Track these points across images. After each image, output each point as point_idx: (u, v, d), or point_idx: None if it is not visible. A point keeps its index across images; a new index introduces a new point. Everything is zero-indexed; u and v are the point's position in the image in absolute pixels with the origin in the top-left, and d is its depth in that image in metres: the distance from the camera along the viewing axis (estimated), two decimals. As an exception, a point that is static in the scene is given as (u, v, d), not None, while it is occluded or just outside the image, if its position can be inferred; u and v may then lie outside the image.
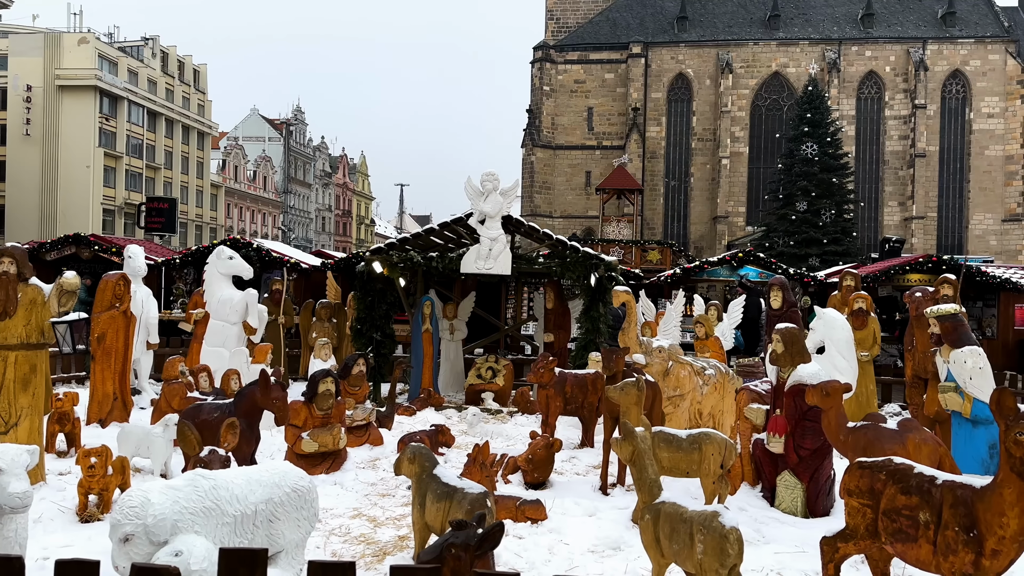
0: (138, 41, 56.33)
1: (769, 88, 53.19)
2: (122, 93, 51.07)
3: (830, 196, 39.23)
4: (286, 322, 12.73)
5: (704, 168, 53.60)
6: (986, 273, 15.53)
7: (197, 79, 62.02)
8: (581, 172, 55.05)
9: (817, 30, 52.90)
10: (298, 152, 78.42)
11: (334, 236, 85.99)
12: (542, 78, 55.08)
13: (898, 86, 51.76)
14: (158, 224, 39.44)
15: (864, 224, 49.56)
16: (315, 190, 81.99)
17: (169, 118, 56.66)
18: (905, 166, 51.53)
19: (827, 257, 35.67)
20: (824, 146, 40.05)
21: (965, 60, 51.38)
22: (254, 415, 6.41)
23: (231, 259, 10.36)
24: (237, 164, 67.63)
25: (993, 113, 51.00)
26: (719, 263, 17.44)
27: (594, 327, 11.30)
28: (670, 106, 54.20)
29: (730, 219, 52.33)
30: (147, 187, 53.85)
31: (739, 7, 54.93)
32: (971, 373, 5.76)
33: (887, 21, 52.85)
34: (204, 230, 61.66)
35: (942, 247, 49.57)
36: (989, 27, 51.79)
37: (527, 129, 55.22)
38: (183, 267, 16.49)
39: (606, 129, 55.02)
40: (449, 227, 12.27)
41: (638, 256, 32.37)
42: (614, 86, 54.74)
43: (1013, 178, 50.73)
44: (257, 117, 76.42)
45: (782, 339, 6.49)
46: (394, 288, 12.10)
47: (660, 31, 54.41)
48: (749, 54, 52.96)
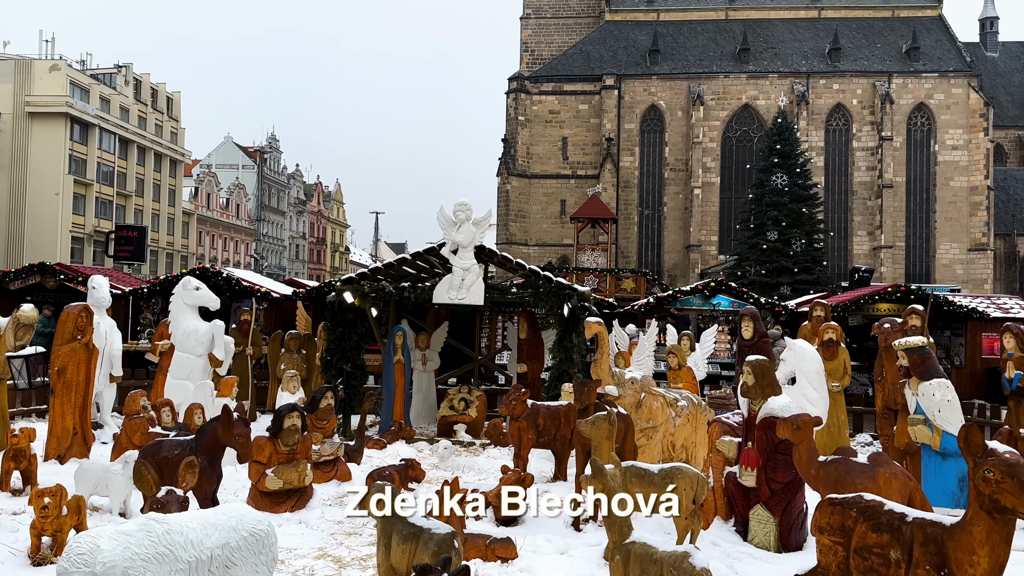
0: (111, 68, 55.99)
1: (739, 120, 54.04)
2: (93, 120, 50.62)
3: (800, 226, 39.74)
4: (254, 353, 12.52)
5: (677, 197, 54.13)
6: (953, 303, 15.74)
7: (170, 107, 61.70)
8: (556, 201, 55.33)
9: (786, 64, 53.98)
10: (272, 180, 78.08)
11: (308, 264, 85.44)
12: (517, 108, 55.50)
13: (865, 118, 52.85)
14: (127, 253, 38.95)
15: (834, 253, 50.23)
16: (289, 218, 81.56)
17: (141, 145, 56.19)
18: (873, 196, 52.44)
19: (798, 286, 36.03)
20: (794, 177, 40.65)
21: (929, 93, 52.63)
22: (216, 452, 6.24)
23: (197, 289, 10.20)
24: (210, 192, 67.13)
25: (957, 145, 52.18)
26: (692, 292, 17.53)
27: (567, 357, 11.24)
28: (643, 137, 54.80)
29: (703, 248, 52.79)
30: (117, 215, 53.21)
31: (710, 41, 55.94)
32: (939, 406, 5.77)
33: (853, 55, 54.08)
34: (175, 258, 60.96)
35: (910, 276, 50.33)
36: (952, 62, 53.17)
37: (502, 158, 55.49)
38: (151, 296, 16.23)
39: (580, 159, 55.45)
40: (422, 257, 12.20)
41: (612, 285, 32.45)
42: (588, 117, 55.30)
43: (978, 208, 51.79)
44: (231, 145, 76.08)
45: (753, 371, 6.47)
46: (366, 318, 11.97)
47: (632, 64, 55.18)
48: (720, 87, 53.84)
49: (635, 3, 58.34)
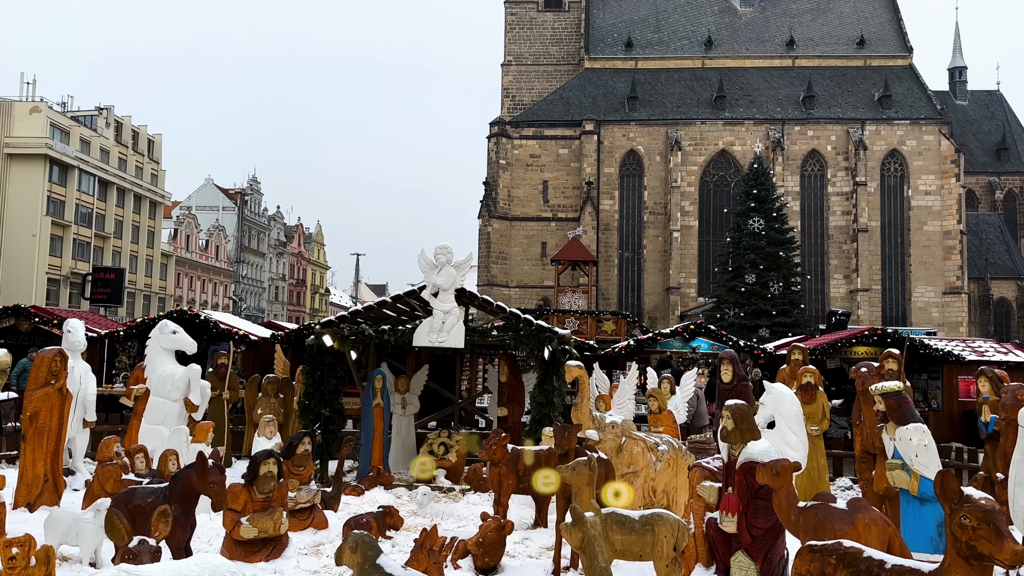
0: (92, 111, 56.06)
1: (717, 165, 54.91)
2: (73, 162, 50.49)
3: (777, 269, 40.17)
4: (231, 397, 12.37)
5: (656, 240, 54.65)
6: (929, 346, 15.92)
7: (151, 149, 61.73)
8: (537, 243, 55.63)
9: (761, 111, 55.11)
10: (252, 221, 77.98)
11: (287, 306, 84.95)
12: (498, 152, 56.06)
13: (839, 164, 53.91)
14: (104, 295, 38.58)
15: (811, 296, 50.75)
16: (269, 259, 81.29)
17: (121, 187, 56.03)
18: (849, 240, 53.22)
19: (777, 328, 36.28)
20: (770, 221, 41.21)
21: (902, 140, 53.87)
22: (190, 500, 6.12)
23: (174, 333, 10.10)
24: (189, 233, 66.89)
25: (930, 190, 53.28)
26: (672, 335, 17.62)
27: (548, 401, 11.20)
28: (622, 180, 55.47)
29: (682, 290, 53.16)
30: (95, 256, 52.79)
31: (687, 88, 57.07)
32: (917, 451, 5.81)
33: (827, 103, 55.35)
34: (152, 300, 60.42)
35: (887, 319, 50.87)
36: (923, 110, 54.55)
37: (484, 201, 55.87)
38: (127, 339, 16.04)
39: (561, 201, 55.94)
40: (402, 299, 12.19)
41: (593, 327, 32.51)
42: (568, 161, 55.95)
43: (951, 252, 52.68)
44: (211, 187, 76.11)
45: (732, 416, 6.48)
46: (345, 361, 11.89)
47: (611, 110, 56.10)
48: (697, 132, 54.80)
49: (613, 51, 59.52)
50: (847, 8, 61.31)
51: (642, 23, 61.00)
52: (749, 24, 60.65)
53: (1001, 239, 57.47)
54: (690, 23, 60.88)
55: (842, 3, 61.75)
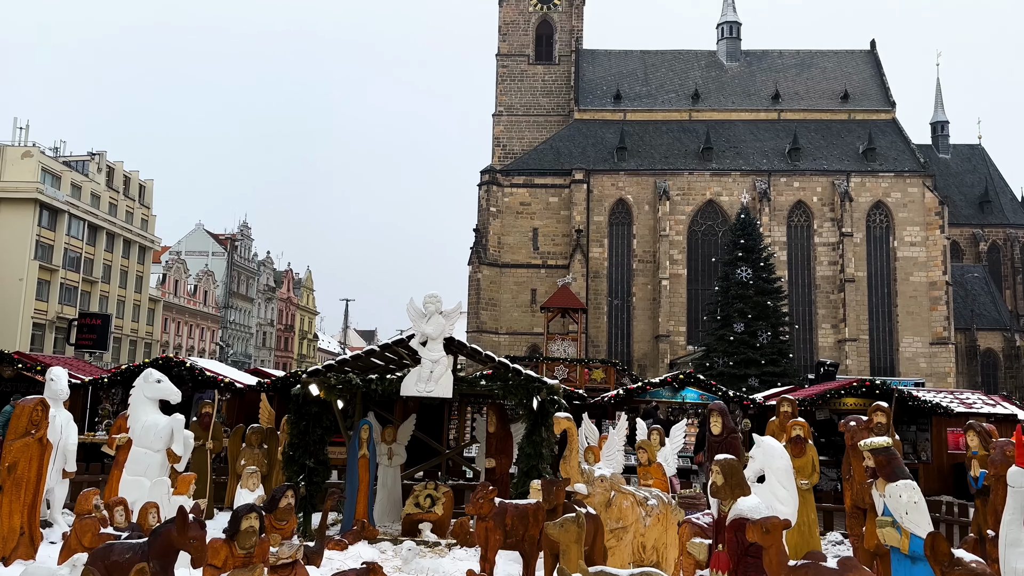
0: (84, 156, 56.31)
1: (704, 214, 55.49)
2: (63, 207, 50.50)
3: (766, 318, 40.32)
4: (215, 447, 12.20)
5: (645, 288, 54.87)
6: (918, 398, 15.92)
7: (142, 194, 61.89)
8: (527, 290, 55.76)
9: (747, 162, 55.95)
10: (242, 267, 77.91)
11: (274, 351, 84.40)
12: (489, 200, 56.52)
13: (825, 215, 54.58)
14: (89, 341, 38.26)
15: (800, 345, 50.87)
16: (257, 304, 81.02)
17: (110, 232, 56.00)
18: (836, 290, 53.60)
19: (766, 378, 36.26)
20: (758, 270, 41.49)
21: (887, 192, 54.68)
22: (169, 556, 5.98)
23: (159, 382, 9.98)
24: (178, 278, 66.72)
25: (915, 242, 53.92)
26: (661, 384, 17.57)
27: (536, 452, 11.08)
28: (611, 229, 55.91)
29: (671, 338, 53.22)
30: (82, 301, 52.48)
31: (674, 140, 57.97)
32: (907, 508, 5.75)
33: (812, 155, 56.27)
34: (139, 345, 59.93)
35: (875, 369, 50.97)
36: (907, 162, 55.52)
37: (474, 247, 56.13)
38: (111, 386, 15.87)
39: (551, 249, 56.25)
40: (390, 348, 12.12)
41: (583, 375, 32.37)
42: (558, 209, 56.43)
43: (937, 303, 53.10)
44: (202, 232, 76.20)
45: (722, 471, 6.43)
46: (331, 411, 11.76)
47: (601, 160, 56.82)
48: (685, 183, 55.50)
49: (603, 103, 60.52)
50: (831, 64, 62.78)
51: (630, 77, 62.20)
52: (735, 78, 61.93)
53: (986, 290, 58.03)
54: (677, 77, 62.13)
55: (826, 59, 63.26)
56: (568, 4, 64.80)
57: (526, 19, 64.68)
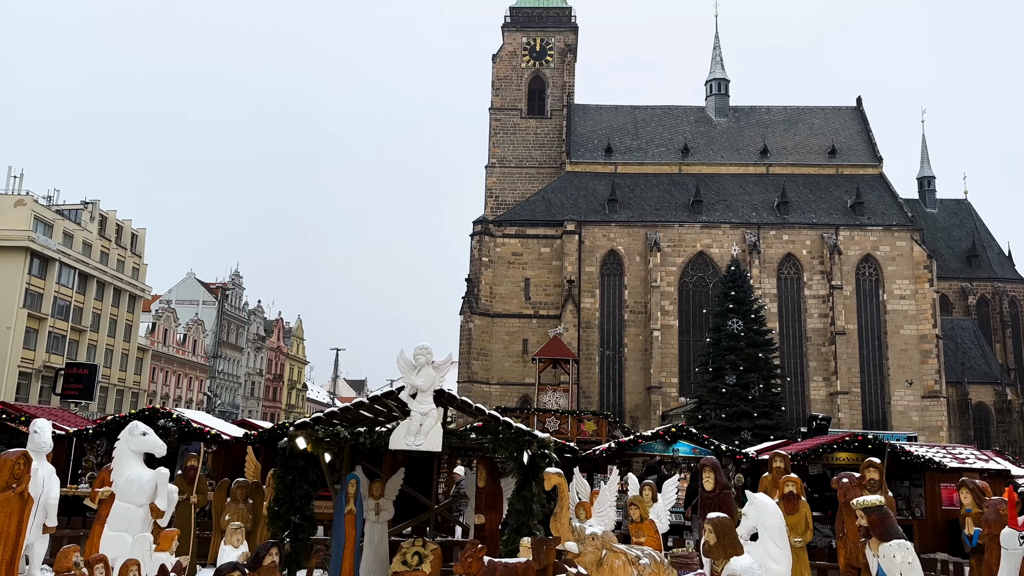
0: (77, 204, 56.45)
1: (695, 266, 55.85)
2: (54, 255, 50.42)
3: (757, 370, 40.22)
4: (199, 501, 11.97)
5: (637, 339, 54.87)
6: (911, 452, 15.83)
7: (134, 243, 61.91)
8: (518, 340, 55.69)
9: (737, 215, 56.56)
10: (232, 316, 77.65)
11: (263, 402, 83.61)
12: (481, 250, 56.81)
13: (815, 268, 55.01)
14: (75, 391, 37.84)
15: (792, 398, 50.75)
16: (247, 354, 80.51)
17: (101, 280, 55.84)
18: (827, 343, 53.70)
19: (758, 431, 36.05)
20: (749, 322, 41.53)
21: (875, 245, 55.24)
22: (149, 617, 5.82)
23: (144, 435, 9.84)
24: (167, 327, 66.38)
25: (905, 295, 54.29)
26: (653, 438, 17.43)
27: (526, 508, 10.90)
28: (603, 279, 56.15)
29: (663, 389, 53.04)
30: (70, 350, 52.05)
31: (665, 192, 58.65)
32: (901, 568, 5.68)
33: (801, 209, 56.95)
34: (125, 395, 59.29)
35: (867, 422, 50.81)
36: (894, 216, 56.21)
37: (466, 297, 56.18)
38: (96, 438, 15.66)
39: (542, 299, 56.37)
40: (379, 400, 12.00)
41: (574, 427, 32.10)
42: (550, 259, 56.72)
43: (928, 356, 53.22)
44: (193, 281, 76.12)
45: (714, 529, 6.35)
46: (318, 464, 11.58)
47: (592, 211, 57.36)
48: (675, 234, 55.98)
49: (594, 156, 61.35)
50: (818, 119, 64.01)
51: (621, 131, 63.21)
52: (724, 133, 62.99)
53: (976, 344, 58.24)
54: (667, 132, 63.17)
55: (813, 115, 64.51)
56: (560, 61, 66.18)
57: (519, 75, 65.97)
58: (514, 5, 68.22)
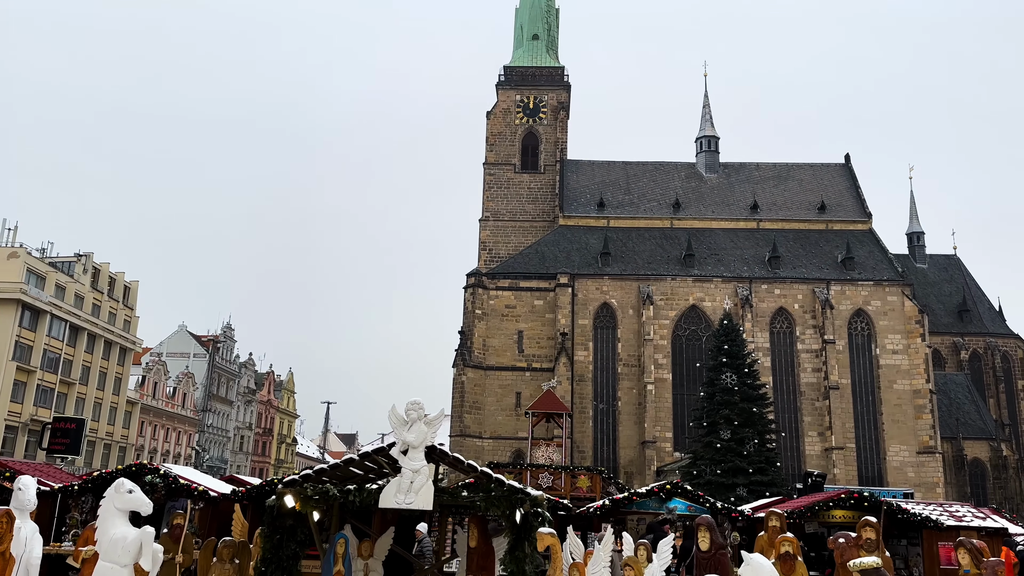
0: (71, 257, 56.46)
1: (688, 319, 55.96)
2: (46, 307, 50.23)
3: (752, 425, 39.97)
4: (184, 561, 11.72)
5: (631, 392, 54.63)
6: (907, 510, 15.66)
7: (127, 295, 61.78)
8: (511, 393, 55.39)
9: (729, 269, 56.93)
10: (223, 368, 77.12)
11: (252, 456, 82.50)
12: (475, 302, 56.88)
13: (807, 322, 55.16)
14: (62, 446, 37.31)
15: (787, 453, 50.34)
16: (236, 407, 79.74)
17: (92, 333, 55.54)
18: (821, 397, 53.55)
19: (754, 487, 35.67)
20: (743, 376, 41.41)
21: (867, 300, 55.53)
22: None
23: (130, 493, 9.67)
24: (157, 381, 65.85)
25: (897, 350, 54.36)
26: (647, 495, 17.22)
27: (519, 569, 10.71)
28: (596, 332, 56.15)
29: (658, 444, 52.60)
30: (58, 403, 51.48)
31: (657, 246, 59.10)
32: (900, 633, 5.58)
33: (792, 263, 57.38)
34: (113, 449, 58.46)
35: (863, 478, 50.37)
36: (885, 271, 56.64)
37: (459, 350, 56.01)
38: (81, 494, 15.40)
39: (536, 352, 56.25)
40: (370, 457, 11.87)
41: (568, 483, 31.71)
42: (543, 312, 56.79)
43: (922, 411, 53.02)
44: (184, 333, 75.79)
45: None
46: (306, 523, 11.39)
47: (585, 264, 57.67)
48: (668, 288, 56.22)
49: (587, 210, 61.95)
50: (807, 176, 64.95)
51: (613, 186, 63.98)
52: (714, 189, 63.81)
53: (970, 399, 58.12)
54: (658, 187, 63.95)
55: (802, 171, 65.49)
56: (553, 118, 67.35)
57: (512, 131, 67.05)
58: (508, 64, 69.68)
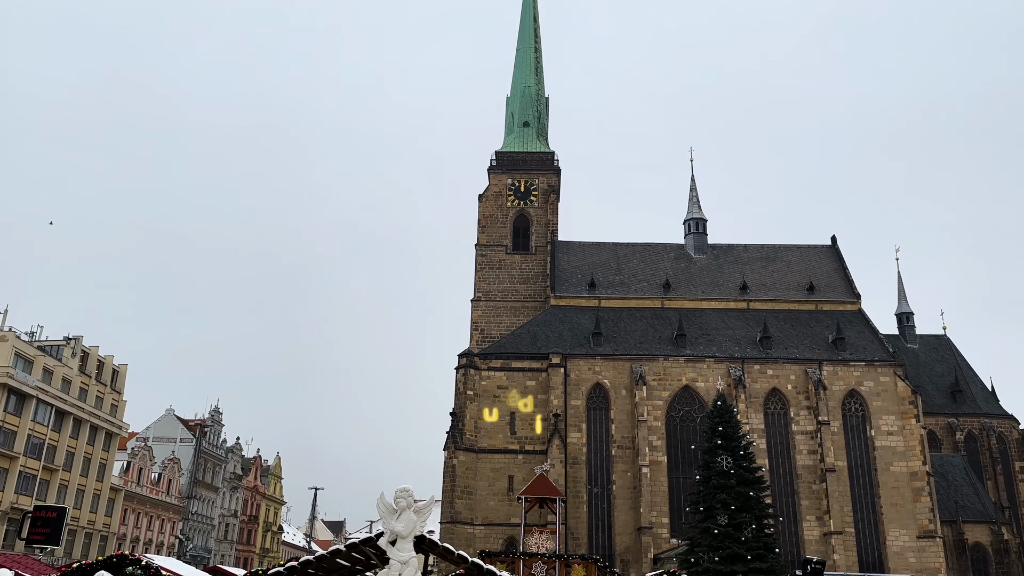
0: (60, 340, 56.12)
1: (681, 400, 55.59)
2: (32, 392, 49.61)
3: (749, 510, 39.17)
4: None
5: (625, 476, 53.74)
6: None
7: (115, 379, 61.18)
8: (504, 476, 54.44)
9: (720, 349, 56.92)
10: (210, 454, 75.76)
11: (236, 545, 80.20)
12: (466, 383, 56.47)
13: (801, 403, 54.85)
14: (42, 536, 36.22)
15: (786, 539, 49.28)
16: (222, 494, 77.95)
17: (78, 418, 54.72)
18: (818, 480, 52.76)
19: (753, 574, 34.75)
20: (738, 459, 40.82)
21: (859, 381, 55.38)
22: None
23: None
24: (142, 466, 64.56)
25: (892, 431, 53.93)
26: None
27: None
28: (589, 414, 55.64)
29: (654, 530, 51.42)
30: (40, 490, 50.26)
31: (648, 326, 59.21)
32: None
33: (783, 344, 57.43)
34: (94, 538, 56.76)
35: (863, 564, 49.21)
36: (876, 352, 56.70)
37: (450, 432, 55.28)
38: (57, 589, 14.87)
39: (528, 434, 55.61)
40: (357, 548, 11.61)
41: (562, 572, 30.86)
42: (536, 393, 56.39)
43: (920, 494, 52.16)
44: (172, 417, 74.79)
45: None
46: (291, 619, 11.03)
47: (577, 344, 57.61)
48: (660, 368, 56.04)
49: (578, 291, 62.33)
50: (794, 257, 65.79)
51: (604, 266, 64.59)
52: (704, 270, 64.47)
53: (968, 481, 57.36)
54: (649, 267, 64.59)
55: (789, 253, 66.35)
56: (544, 200, 68.58)
57: (504, 213, 68.15)
58: (500, 150, 71.35)
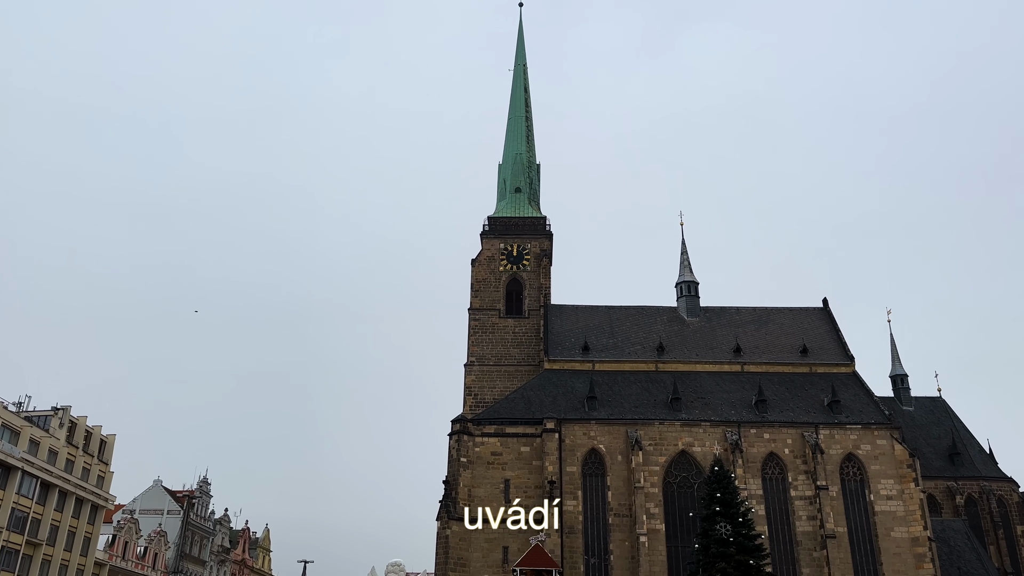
0: (47, 411, 55.37)
1: (678, 465, 54.82)
2: (17, 463, 48.69)
3: (750, 579, 38.42)
4: None
5: (623, 545, 52.57)
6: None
7: (102, 450, 60.18)
8: (498, 547, 53.11)
9: (716, 413, 56.45)
10: (197, 526, 73.99)
11: (224, 622, 77.70)
12: (460, 450, 55.62)
13: (799, 467, 54.17)
14: (22, 615, 34.94)
15: (788, 609, 48.04)
16: (209, 568, 75.85)
17: (63, 490, 53.59)
18: (818, 547, 51.75)
19: (757, 648, 33.82)
20: (737, 526, 40.23)
21: (856, 444, 54.84)
22: None
23: None
24: (128, 540, 62.98)
25: (891, 495, 53.17)
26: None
27: None
28: (585, 480, 54.73)
29: (653, 602, 50.04)
30: (22, 566, 48.88)
31: (643, 390, 58.82)
32: None
33: (779, 407, 57.03)
34: (75, 617, 54.94)
35: (870, 636, 47.86)
36: (872, 415, 56.31)
37: (443, 501, 54.15)
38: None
39: (523, 501, 54.49)
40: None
41: (560, 648, 29.92)
42: (530, 459, 55.54)
43: (923, 560, 51.11)
44: (159, 489, 73.30)
45: None
46: None
47: (572, 409, 57.04)
48: (656, 432, 55.41)
49: (572, 354, 62.09)
50: (787, 320, 65.89)
51: (597, 330, 64.49)
52: (697, 333, 64.43)
53: (970, 546, 56.35)
54: (642, 331, 64.52)
55: (782, 315, 66.48)
56: (536, 264, 68.93)
57: (497, 277, 68.38)
58: (492, 215, 72.00)
